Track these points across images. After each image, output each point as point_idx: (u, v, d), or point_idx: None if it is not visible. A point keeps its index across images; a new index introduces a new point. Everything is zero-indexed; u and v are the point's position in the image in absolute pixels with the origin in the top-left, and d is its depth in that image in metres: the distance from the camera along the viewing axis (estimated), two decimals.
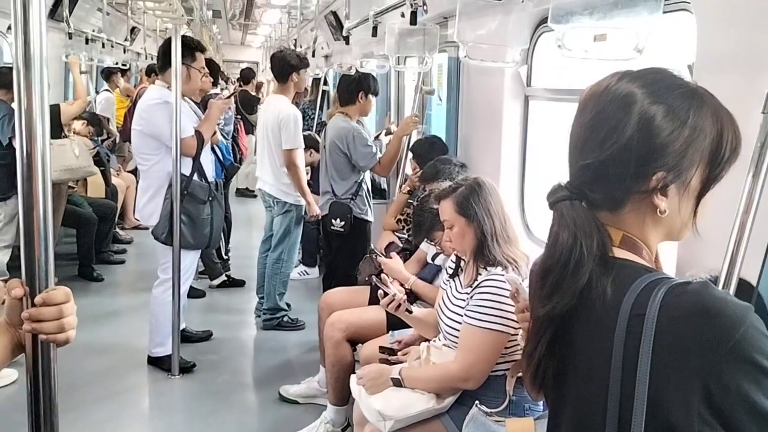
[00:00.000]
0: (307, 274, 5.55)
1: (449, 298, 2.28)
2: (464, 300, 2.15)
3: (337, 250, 4.01)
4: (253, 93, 8.58)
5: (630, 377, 0.90)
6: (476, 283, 2.12)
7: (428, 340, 2.38)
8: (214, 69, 5.36)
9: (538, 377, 1.06)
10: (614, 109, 0.94)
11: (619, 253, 0.98)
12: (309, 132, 5.48)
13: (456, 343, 2.17)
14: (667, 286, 0.89)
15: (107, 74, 7.66)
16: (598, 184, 0.97)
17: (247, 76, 8.59)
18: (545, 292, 0.99)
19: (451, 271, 2.38)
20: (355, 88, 3.98)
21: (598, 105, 0.97)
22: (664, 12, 1.34)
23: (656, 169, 0.93)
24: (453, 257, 2.40)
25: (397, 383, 2.21)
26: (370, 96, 4.03)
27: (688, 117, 0.93)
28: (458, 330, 2.15)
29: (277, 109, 4.16)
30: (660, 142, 0.93)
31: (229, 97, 3.95)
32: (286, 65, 4.24)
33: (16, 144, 1.09)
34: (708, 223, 1.01)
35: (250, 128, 7.29)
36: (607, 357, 0.92)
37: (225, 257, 5.47)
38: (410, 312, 2.39)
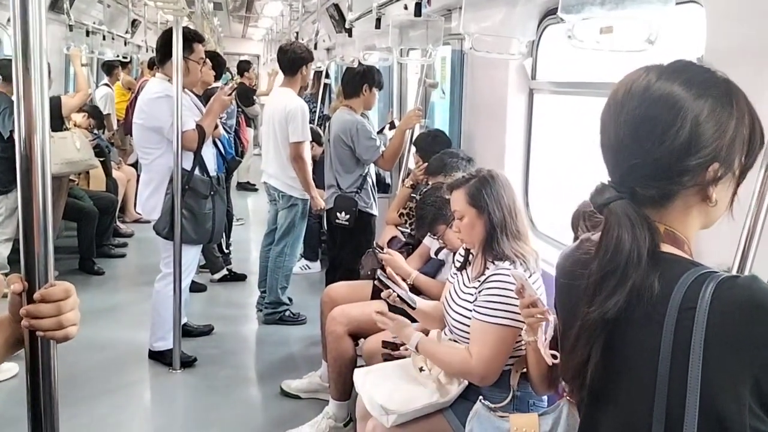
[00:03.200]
0: (309, 268, 5.54)
1: (456, 293, 2.25)
2: (472, 294, 2.13)
3: (342, 243, 4.00)
4: (252, 85, 8.55)
5: (678, 371, 0.90)
6: (484, 277, 2.10)
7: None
8: (220, 63, 5.33)
9: (585, 382, 1.03)
10: (665, 108, 0.95)
11: (664, 247, 0.99)
12: (311, 125, 5.45)
13: (463, 337, 2.16)
14: (716, 280, 0.90)
15: (109, 68, 7.62)
16: (655, 180, 0.97)
17: (242, 68, 8.56)
18: (605, 294, 0.97)
19: (459, 264, 2.36)
20: (360, 80, 3.96)
21: (642, 103, 0.96)
22: (675, 3, 1.31)
23: (711, 161, 0.95)
24: (461, 250, 2.38)
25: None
26: (374, 89, 4.01)
27: (733, 108, 0.96)
28: (465, 324, 2.13)
29: (284, 102, 4.14)
30: (714, 135, 0.95)
31: (231, 93, 3.93)
32: (297, 58, 4.21)
33: (15, 137, 1.07)
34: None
35: (248, 121, 7.26)
36: (654, 351, 0.92)
37: (226, 251, 5.46)
38: (413, 307, 2.37)
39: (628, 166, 0.98)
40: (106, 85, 7.55)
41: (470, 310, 2.12)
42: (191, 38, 3.68)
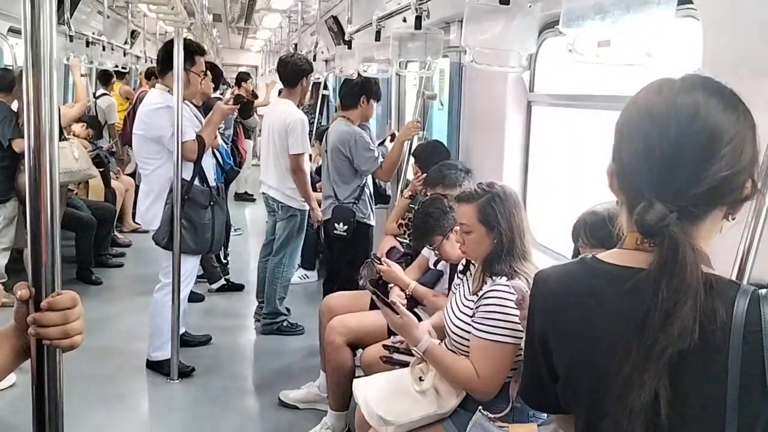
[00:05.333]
0: (308, 278, 5.54)
1: (457, 304, 2.23)
2: (471, 309, 2.13)
3: (339, 254, 4.00)
4: (249, 96, 8.56)
5: (748, 398, 0.88)
6: (482, 292, 2.10)
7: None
8: (217, 74, 5.35)
9: (651, 422, 0.94)
10: (726, 127, 0.93)
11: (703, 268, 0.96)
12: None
13: (461, 349, 2.16)
14: None
15: (106, 79, 7.63)
16: (709, 197, 0.94)
17: (239, 78, 8.59)
18: (680, 322, 0.90)
19: (462, 267, 2.36)
20: (358, 92, 3.98)
21: (697, 121, 0.93)
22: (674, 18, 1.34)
23: (748, 177, 0.96)
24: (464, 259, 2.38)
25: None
26: (372, 101, 4.04)
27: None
28: (464, 338, 2.13)
29: (284, 114, 4.16)
30: (755, 152, 0.96)
31: (236, 103, 3.94)
32: (298, 70, 4.23)
33: (23, 146, 1.09)
34: None
35: (246, 132, 7.27)
36: (720, 379, 0.90)
37: (224, 261, 5.45)
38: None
39: (685, 182, 0.94)
40: (107, 94, 7.57)
41: (469, 324, 2.12)
42: (193, 50, 3.70)
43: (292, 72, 4.23)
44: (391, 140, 4.47)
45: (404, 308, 2.22)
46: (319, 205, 4.18)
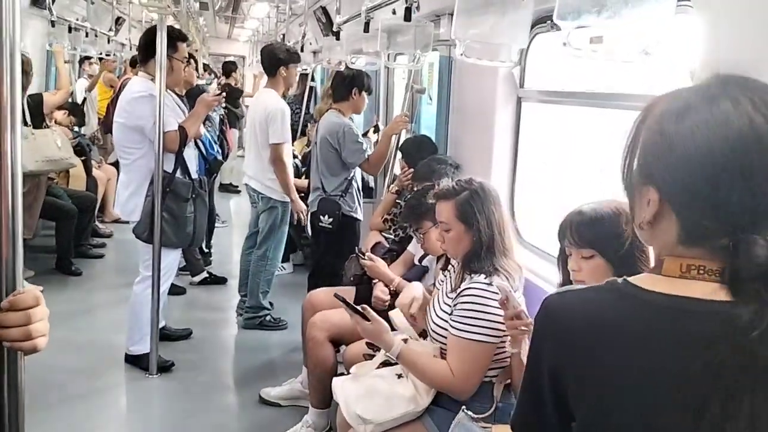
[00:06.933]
0: (284, 269, 5.44)
1: (439, 302, 2.21)
2: (449, 306, 2.10)
3: (326, 247, 3.95)
4: (237, 86, 8.53)
5: None
6: (460, 289, 2.07)
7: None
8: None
9: None
10: None
11: None
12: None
13: (442, 345, 2.12)
14: None
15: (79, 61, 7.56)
16: None
17: (228, 69, 8.56)
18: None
19: (442, 264, 2.32)
20: (349, 84, 3.95)
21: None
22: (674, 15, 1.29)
23: None
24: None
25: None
26: (363, 93, 3.99)
27: None
28: (443, 334, 2.10)
29: (265, 104, 4.12)
30: None
31: (219, 94, 3.88)
32: (274, 59, 4.19)
33: None
34: None
35: (234, 121, 7.21)
36: None
37: (206, 251, 5.37)
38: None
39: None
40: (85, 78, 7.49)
41: (447, 322, 2.09)
42: (175, 37, 3.62)
43: (270, 61, 4.18)
44: (374, 131, 4.42)
45: (375, 313, 2.19)
46: (308, 197, 4.13)
